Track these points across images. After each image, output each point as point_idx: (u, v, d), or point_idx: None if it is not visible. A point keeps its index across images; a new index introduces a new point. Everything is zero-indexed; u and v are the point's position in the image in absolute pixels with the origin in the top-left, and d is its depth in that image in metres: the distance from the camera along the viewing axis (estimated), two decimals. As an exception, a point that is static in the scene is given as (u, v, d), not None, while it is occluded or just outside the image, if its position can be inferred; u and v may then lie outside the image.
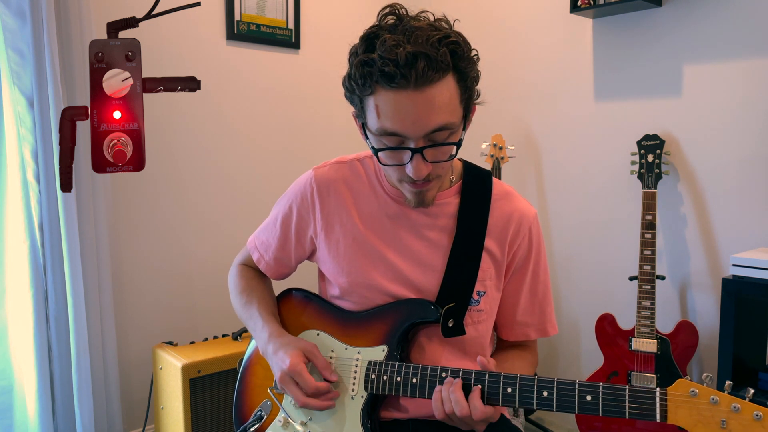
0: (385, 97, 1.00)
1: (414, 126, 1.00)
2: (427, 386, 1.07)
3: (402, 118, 1.00)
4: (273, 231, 1.29)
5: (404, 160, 1.04)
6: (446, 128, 1.02)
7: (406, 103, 0.99)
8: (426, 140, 1.02)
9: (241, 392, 1.27)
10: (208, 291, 2.57)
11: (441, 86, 0.99)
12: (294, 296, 1.30)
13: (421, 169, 1.03)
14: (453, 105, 1.02)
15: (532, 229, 1.22)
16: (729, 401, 0.89)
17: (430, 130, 1.01)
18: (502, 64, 2.77)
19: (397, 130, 1.01)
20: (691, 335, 2.06)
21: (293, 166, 2.75)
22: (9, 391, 2.04)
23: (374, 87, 1.00)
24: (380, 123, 1.02)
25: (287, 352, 1.11)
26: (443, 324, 1.12)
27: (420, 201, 1.12)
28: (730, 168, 2.12)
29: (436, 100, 0.99)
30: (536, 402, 0.99)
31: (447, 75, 1.00)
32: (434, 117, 1.00)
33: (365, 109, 1.05)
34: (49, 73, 1.95)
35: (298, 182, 1.26)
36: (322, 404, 1.09)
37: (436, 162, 1.05)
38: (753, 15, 2.04)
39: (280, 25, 2.70)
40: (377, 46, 0.99)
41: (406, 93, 0.98)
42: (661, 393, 0.92)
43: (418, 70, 0.96)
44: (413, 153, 1.02)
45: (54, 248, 2.05)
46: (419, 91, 0.98)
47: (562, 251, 2.63)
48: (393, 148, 1.04)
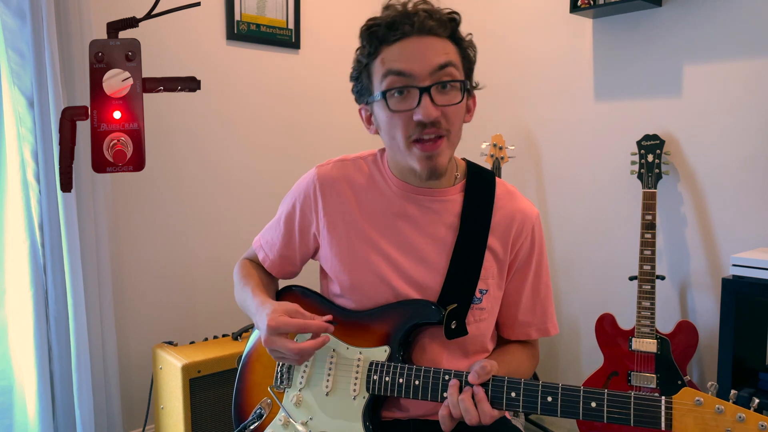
0: (390, 51, 1.07)
1: (419, 63, 1.06)
2: (430, 388, 1.06)
3: (407, 58, 1.06)
4: (277, 230, 1.30)
5: (413, 105, 1.06)
6: (451, 65, 1.07)
7: (411, 46, 1.06)
8: (433, 80, 1.06)
9: (240, 389, 1.27)
10: (208, 291, 2.57)
11: (442, 41, 1.08)
12: (294, 293, 1.30)
13: (430, 110, 1.05)
14: (455, 57, 1.09)
15: (535, 229, 1.22)
16: (734, 411, 0.88)
17: (436, 66, 1.06)
18: (502, 64, 2.77)
19: (403, 69, 1.06)
20: (691, 335, 2.06)
21: (293, 166, 2.75)
22: (9, 391, 2.04)
23: (380, 48, 1.08)
24: (386, 68, 1.07)
25: (268, 310, 1.10)
26: (446, 326, 1.12)
27: (431, 168, 1.10)
28: (730, 168, 2.12)
29: (438, 46, 1.07)
30: (540, 407, 0.98)
31: (446, 38, 1.09)
32: (438, 56, 1.06)
33: (372, 76, 1.10)
34: (49, 73, 1.94)
35: (302, 180, 1.27)
36: (316, 342, 1.08)
37: (444, 106, 1.07)
38: (753, 15, 2.04)
39: (280, 25, 2.70)
40: (381, 11, 1.10)
41: (409, 39, 1.06)
42: (667, 401, 0.91)
43: (420, 17, 1.06)
44: (421, 92, 1.05)
45: (54, 248, 2.05)
46: (421, 36, 1.06)
47: (562, 251, 2.63)
48: (401, 88, 1.07)
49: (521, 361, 1.23)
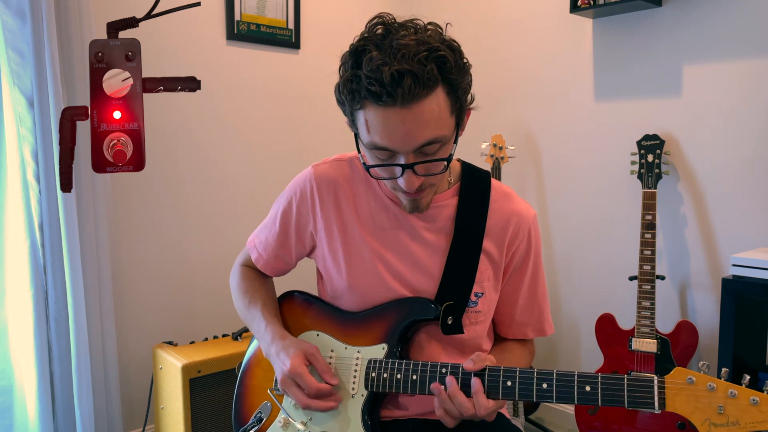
0: (373, 113, 0.99)
1: (403, 142, 1.00)
2: (427, 382, 1.07)
3: (390, 134, 1.00)
4: (272, 229, 1.29)
5: (396, 174, 1.05)
6: (436, 141, 1.02)
7: (394, 120, 0.98)
8: (417, 154, 1.02)
9: (240, 394, 1.27)
10: (208, 291, 2.57)
11: (429, 101, 0.98)
12: (295, 298, 1.30)
13: (413, 182, 1.04)
14: (443, 118, 1.01)
15: (531, 231, 1.22)
16: (726, 387, 0.90)
17: (419, 144, 1.00)
18: (502, 64, 2.77)
19: (386, 146, 1.01)
20: (691, 335, 2.06)
21: (293, 166, 2.75)
22: (9, 391, 2.04)
23: (363, 102, 1.00)
24: (370, 137, 1.02)
25: (289, 354, 1.11)
26: (442, 321, 1.13)
27: (415, 207, 1.13)
28: (730, 168, 2.12)
29: (425, 116, 0.98)
30: (536, 394, 1.00)
31: (435, 89, 0.98)
32: (423, 132, 0.99)
33: (356, 122, 1.05)
34: (49, 73, 1.94)
35: (297, 179, 1.26)
36: (325, 405, 1.09)
37: (427, 175, 1.06)
38: (753, 15, 2.04)
39: (280, 25, 2.70)
40: (363, 64, 0.98)
41: (393, 110, 0.97)
42: (659, 381, 0.93)
43: (404, 88, 0.95)
44: (404, 168, 1.03)
45: (54, 248, 2.05)
46: (407, 108, 0.97)
47: (562, 251, 2.63)
48: (384, 165, 1.04)
49: (519, 358, 1.25)
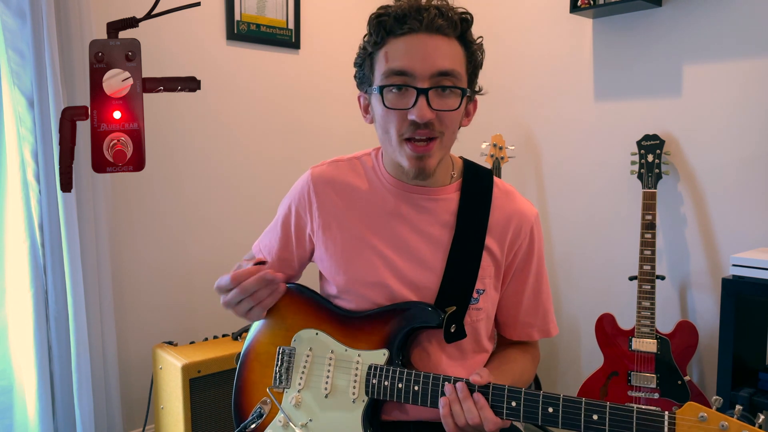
0: (395, 44, 1.06)
1: (422, 63, 1.04)
2: (429, 395, 1.06)
3: (411, 56, 1.05)
4: (275, 233, 1.29)
5: (409, 104, 1.05)
6: (453, 74, 1.06)
7: (416, 43, 1.05)
8: (432, 83, 1.05)
9: (239, 388, 1.26)
10: (208, 291, 2.56)
11: (450, 42, 1.06)
12: (296, 292, 1.29)
13: (425, 111, 1.04)
14: (460, 63, 1.07)
15: (534, 230, 1.21)
16: (739, 428, 0.87)
17: (438, 70, 1.04)
18: (502, 64, 2.77)
19: (404, 68, 1.05)
20: (691, 335, 2.06)
21: (293, 167, 2.75)
22: (9, 391, 2.04)
23: (386, 39, 1.07)
24: (389, 65, 1.06)
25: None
26: (446, 329, 1.11)
27: (420, 168, 1.09)
28: (730, 168, 2.12)
29: (445, 48, 1.05)
30: (541, 418, 0.98)
31: (455, 39, 1.07)
32: (442, 60, 1.05)
33: (374, 66, 1.09)
34: (49, 73, 1.94)
35: (297, 183, 1.27)
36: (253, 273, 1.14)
37: (440, 111, 1.06)
38: (753, 15, 2.04)
39: (280, 25, 2.70)
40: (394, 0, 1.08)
41: (416, 36, 1.05)
42: (670, 416, 0.90)
43: (430, 15, 1.04)
44: (419, 93, 1.04)
45: (54, 248, 2.05)
46: (429, 35, 1.04)
47: (562, 251, 2.63)
48: (399, 86, 1.06)
49: (523, 370, 1.22)
